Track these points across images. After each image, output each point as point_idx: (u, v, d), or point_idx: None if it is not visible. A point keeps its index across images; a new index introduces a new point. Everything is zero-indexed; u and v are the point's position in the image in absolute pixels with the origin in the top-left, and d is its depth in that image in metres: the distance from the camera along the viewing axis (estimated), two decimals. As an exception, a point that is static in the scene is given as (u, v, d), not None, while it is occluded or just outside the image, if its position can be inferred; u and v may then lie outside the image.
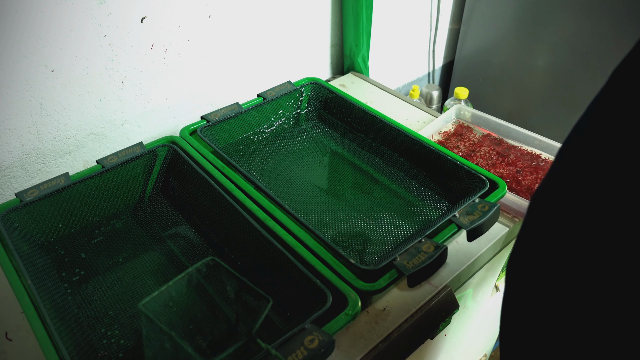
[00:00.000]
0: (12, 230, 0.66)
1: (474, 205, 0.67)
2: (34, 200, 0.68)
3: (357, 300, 0.57)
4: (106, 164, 0.74)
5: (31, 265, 0.63)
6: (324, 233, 0.73)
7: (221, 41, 0.93)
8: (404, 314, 0.64)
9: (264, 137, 0.93)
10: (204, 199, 0.74)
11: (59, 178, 0.71)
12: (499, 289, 0.97)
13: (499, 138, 0.92)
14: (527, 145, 0.90)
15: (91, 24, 0.74)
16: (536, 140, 0.89)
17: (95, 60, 0.78)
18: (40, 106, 0.76)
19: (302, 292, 0.60)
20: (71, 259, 0.71)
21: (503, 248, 0.80)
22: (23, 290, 0.58)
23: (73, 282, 0.68)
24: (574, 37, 1.19)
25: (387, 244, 0.71)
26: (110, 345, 0.61)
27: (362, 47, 1.13)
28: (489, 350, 1.25)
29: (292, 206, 0.69)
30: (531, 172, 0.83)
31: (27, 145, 0.78)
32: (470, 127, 0.96)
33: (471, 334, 1.01)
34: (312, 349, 0.50)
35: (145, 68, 0.85)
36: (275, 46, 1.03)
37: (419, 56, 1.45)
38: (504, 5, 1.29)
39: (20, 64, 0.71)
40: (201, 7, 0.86)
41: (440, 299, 0.67)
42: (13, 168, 0.78)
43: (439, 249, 0.60)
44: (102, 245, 0.74)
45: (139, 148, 0.77)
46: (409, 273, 0.58)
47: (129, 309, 0.65)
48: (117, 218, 0.78)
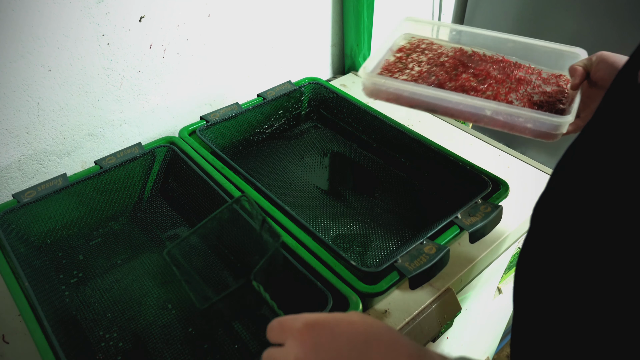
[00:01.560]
0: (9, 231, 0.65)
1: (476, 206, 0.66)
2: (31, 202, 0.67)
3: (358, 303, 0.57)
4: (104, 164, 0.74)
5: (28, 267, 0.62)
6: (325, 235, 0.73)
7: (221, 41, 0.92)
8: (405, 316, 0.64)
9: (263, 137, 0.92)
10: (203, 200, 0.74)
11: (56, 179, 0.70)
12: (501, 291, 0.96)
13: (470, 51, 0.77)
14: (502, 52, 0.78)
15: (89, 23, 0.74)
16: (509, 42, 0.77)
17: (93, 60, 0.77)
18: (38, 106, 0.75)
19: (303, 294, 0.59)
20: (69, 260, 0.70)
21: (506, 250, 0.79)
22: (20, 292, 0.57)
23: (71, 284, 0.67)
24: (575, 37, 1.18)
25: (389, 245, 0.70)
26: (109, 348, 0.60)
27: (363, 47, 1.13)
28: (491, 352, 1.24)
29: (293, 207, 0.68)
30: (499, 80, 0.71)
31: (25, 145, 0.77)
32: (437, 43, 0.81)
33: (473, 337, 1.00)
34: (313, 353, 0.50)
35: (144, 68, 0.84)
36: (275, 46, 1.03)
37: (420, 56, 1.44)
38: (505, 5, 1.29)
39: (18, 63, 0.70)
40: (200, 6, 0.85)
41: (442, 301, 0.66)
42: (10, 169, 0.77)
43: (441, 251, 0.59)
44: (100, 247, 0.73)
45: (137, 149, 0.76)
46: (410, 275, 0.57)
47: (127, 311, 0.64)
48: (116, 219, 0.77)
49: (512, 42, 0.75)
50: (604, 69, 0.56)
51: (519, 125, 0.62)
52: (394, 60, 0.75)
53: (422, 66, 0.72)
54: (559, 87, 0.69)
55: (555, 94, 0.67)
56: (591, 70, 0.59)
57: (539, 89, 0.69)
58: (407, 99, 0.67)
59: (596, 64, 0.58)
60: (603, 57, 0.57)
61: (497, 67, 0.72)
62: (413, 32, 0.82)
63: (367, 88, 0.68)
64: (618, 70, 0.51)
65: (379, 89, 0.67)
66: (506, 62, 0.74)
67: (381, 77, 0.69)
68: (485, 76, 0.70)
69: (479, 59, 0.74)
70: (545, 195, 0.41)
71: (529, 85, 0.69)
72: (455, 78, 0.69)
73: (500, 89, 0.68)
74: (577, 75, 0.60)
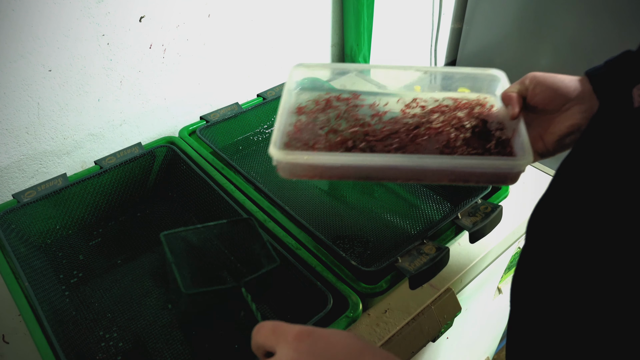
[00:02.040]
0: (9, 232, 0.65)
1: (476, 206, 0.66)
2: (31, 202, 0.67)
3: (358, 303, 0.57)
4: (104, 164, 0.74)
5: (28, 267, 0.62)
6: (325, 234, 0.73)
7: (221, 40, 0.92)
8: (405, 316, 0.64)
9: (263, 137, 0.92)
10: (203, 200, 0.74)
11: (56, 179, 0.70)
12: (501, 291, 0.96)
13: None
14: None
15: (89, 23, 0.74)
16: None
17: (93, 60, 0.77)
18: (38, 106, 0.75)
19: (303, 294, 0.59)
20: (69, 260, 0.70)
21: (506, 250, 0.79)
22: (20, 292, 0.57)
23: (71, 284, 0.67)
24: (577, 37, 1.18)
25: (389, 245, 0.70)
26: (109, 348, 0.60)
27: (363, 47, 1.13)
28: (491, 352, 1.24)
29: (293, 207, 0.68)
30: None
31: (25, 145, 0.77)
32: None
33: (473, 337, 1.00)
34: (313, 353, 0.50)
35: (144, 68, 0.84)
36: (275, 46, 1.02)
37: (421, 56, 1.44)
38: (506, 4, 1.28)
39: (18, 63, 0.70)
40: (200, 6, 0.85)
41: (442, 301, 0.66)
42: (10, 169, 0.77)
43: (441, 251, 0.59)
44: (100, 247, 0.73)
45: (137, 149, 0.76)
46: (410, 275, 0.57)
47: (127, 311, 0.64)
48: (115, 219, 0.77)
49: (424, 72, 0.66)
50: (542, 93, 0.51)
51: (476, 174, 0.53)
52: (306, 122, 0.59)
53: (340, 125, 0.59)
54: (488, 114, 0.60)
55: (490, 127, 0.58)
56: (527, 95, 0.53)
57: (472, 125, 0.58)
58: (339, 172, 0.53)
59: (532, 88, 0.52)
60: (538, 80, 0.52)
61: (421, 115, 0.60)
62: (309, 83, 0.68)
63: (283, 169, 0.53)
64: (556, 92, 0.50)
65: (301, 166, 0.53)
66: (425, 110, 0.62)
67: (302, 152, 0.53)
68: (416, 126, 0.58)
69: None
70: (542, 204, 0.41)
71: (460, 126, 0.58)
72: (383, 137, 0.56)
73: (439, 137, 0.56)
74: (515, 103, 0.53)
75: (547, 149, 0.53)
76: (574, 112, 0.50)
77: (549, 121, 0.52)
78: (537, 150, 0.53)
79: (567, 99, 0.50)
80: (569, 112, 0.50)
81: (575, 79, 0.51)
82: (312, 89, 0.66)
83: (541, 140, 0.53)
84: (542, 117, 0.53)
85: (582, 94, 0.49)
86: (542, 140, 0.53)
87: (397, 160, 0.51)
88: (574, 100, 0.50)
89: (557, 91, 0.50)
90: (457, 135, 0.56)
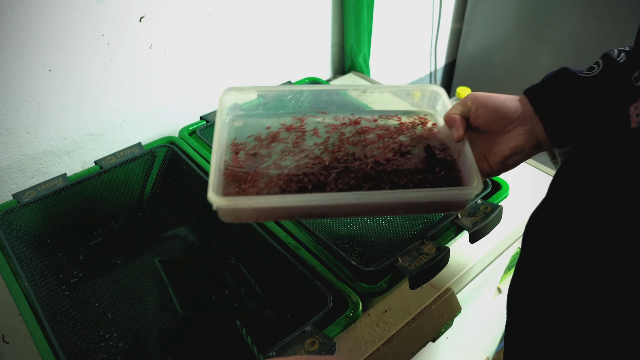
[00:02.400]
0: (9, 231, 0.65)
1: (476, 206, 0.66)
2: (31, 202, 0.67)
3: (358, 302, 0.57)
4: (104, 164, 0.74)
5: (28, 267, 0.62)
6: (325, 234, 0.73)
7: (221, 40, 0.92)
8: (405, 316, 0.64)
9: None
10: (203, 200, 0.73)
11: (56, 179, 0.70)
12: (501, 291, 0.96)
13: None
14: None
15: (89, 23, 0.74)
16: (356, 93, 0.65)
17: (93, 60, 0.77)
18: (38, 106, 0.75)
19: (303, 294, 0.59)
20: (69, 260, 0.70)
21: (506, 250, 0.79)
22: (20, 292, 0.57)
23: (71, 284, 0.67)
24: (577, 36, 1.18)
25: (389, 245, 0.70)
26: (109, 348, 0.60)
27: (363, 47, 1.13)
28: (491, 352, 1.24)
29: (292, 207, 0.67)
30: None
31: (25, 145, 0.77)
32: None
33: (473, 337, 1.00)
34: (313, 352, 0.50)
35: (144, 68, 0.84)
36: (275, 46, 1.02)
37: (421, 55, 1.44)
38: (506, 4, 1.28)
39: (18, 63, 0.70)
40: (200, 6, 0.85)
41: (442, 301, 0.66)
42: (10, 169, 0.77)
43: (441, 251, 0.59)
44: (100, 247, 0.73)
45: (137, 149, 0.76)
46: (410, 275, 0.57)
47: (127, 311, 0.64)
48: (116, 219, 0.77)
49: (363, 91, 0.63)
50: (485, 115, 0.51)
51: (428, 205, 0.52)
52: (244, 159, 0.55)
53: (284, 160, 0.55)
54: (431, 135, 0.59)
55: (435, 150, 0.57)
56: (470, 116, 0.53)
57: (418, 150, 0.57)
58: (287, 213, 0.51)
59: (474, 109, 0.52)
60: (480, 102, 0.51)
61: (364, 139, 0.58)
62: (241, 108, 0.62)
63: (225, 215, 0.49)
64: (498, 114, 0.50)
65: (245, 211, 0.49)
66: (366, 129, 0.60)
67: (245, 197, 0.49)
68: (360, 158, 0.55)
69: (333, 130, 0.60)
70: (537, 216, 0.41)
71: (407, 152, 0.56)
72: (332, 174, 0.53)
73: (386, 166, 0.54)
74: (458, 125, 0.53)
75: (492, 170, 0.53)
76: (516, 134, 0.50)
77: (493, 141, 0.52)
78: (482, 171, 0.53)
79: (510, 120, 0.50)
80: (511, 134, 0.50)
81: (516, 99, 0.51)
82: (246, 115, 0.62)
83: (485, 161, 0.53)
84: (486, 136, 0.53)
85: (524, 114, 0.50)
86: (487, 161, 0.53)
87: (349, 198, 0.49)
88: (516, 122, 0.50)
89: (498, 113, 0.50)
90: (404, 162, 0.55)
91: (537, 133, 0.49)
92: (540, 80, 0.50)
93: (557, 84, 0.48)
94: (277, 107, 0.62)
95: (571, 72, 0.47)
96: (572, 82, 0.47)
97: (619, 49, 0.47)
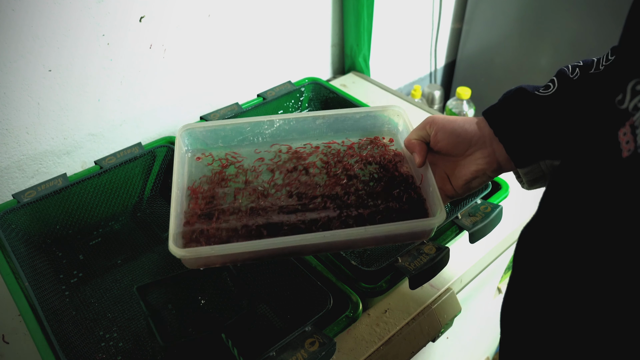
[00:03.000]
0: (9, 231, 0.65)
1: (476, 206, 0.66)
2: (31, 202, 0.67)
3: (358, 302, 0.57)
4: (104, 164, 0.73)
5: (28, 267, 0.62)
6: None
7: (221, 40, 0.92)
8: (405, 316, 0.64)
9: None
10: (203, 200, 0.73)
11: (56, 179, 0.70)
12: (501, 291, 0.96)
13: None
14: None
15: (89, 23, 0.74)
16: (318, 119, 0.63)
17: (93, 60, 0.77)
18: (38, 106, 0.75)
19: (303, 293, 0.59)
20: (69, 260, 0.70)
21: (506, 250, 0.79)
22: (20, 292, 0.57)
23: (71, 284, 0.67)
24: (577, 37, 1.18)
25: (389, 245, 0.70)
26: (109, 347, 0.60)
27: (363, 47, 1.13)
28: (491, 352, 1.24)
29: (292, 207, 0.67)
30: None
31: (25, 145, 0.77)
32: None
33: (473, 337, 1.00)
34: (313, 352, 0.50)
35: (144, 68, 0.84)
36: (275, 45, 1.02)
37: (421, 55, 1.44)
38: (506, 4, 1.29)
39: (18, 63, 0.70)
40: (200, 6, 0.85)
41: (442, 301, 0.66)
42: (10, 169, 0.77)
43: (441, 251, 0.59)
44: (100, 247, 0.73)
45: (137, 149, 0.76)
46: (410, 275, 0.57)
47: (127, 311, 0.64)
48: (116, 219, 0.77)
49: (321, 117, 0.62)
50: (445, 139, 0.51)
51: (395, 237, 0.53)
52: (203, 204, 0.54)
53: (240, 202, 0.55)
54: (392, 158, 0.60)
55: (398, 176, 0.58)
56: (430, 141, 0.53)
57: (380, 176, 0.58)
58: (253, 256, 0.51)
59: (434, 134, 0.52)
60: (439, 126, 0.52)
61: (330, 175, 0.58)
62: (201, 139, 0.62)
63: (189, 263, 0.50)
64: (458, 138, 0.51)
65: (208, 259, 0.50)
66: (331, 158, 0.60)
67: (205, 247, 0.49)
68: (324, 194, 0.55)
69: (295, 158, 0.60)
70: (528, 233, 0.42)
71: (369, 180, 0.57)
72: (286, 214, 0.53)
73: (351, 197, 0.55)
74: (419, 151, 0.54)
75: (455, 192, 0.54)
76: (476, 158, 0.51)
77: (455, 163, 0.53)
78: (447, 193, 0.54)
79: (469, 144, 0.51)
80: (472, 157, 0.51)
81: (474, 121, 0.51)
82: (204, 147, 0.62)
83: (449, 183, 0.54)
84: (449, 158, 0.54)
85: (483, 138, 0.50)
86: (450, 183, 0.54)
87: (313, 239, 0.48)
88: (476, 146, 0.51)
89: (458, 137, 0.51)
90: (368, 192, 0.56)
91: (497, 156, 0.50)
92: (498, 101, 0.51)
93: (515, 104, 0.49)
94: (236, 136, 0.62)
95: (527, 93, 0.48)
96: (529, 102, 0.47)
97: (573, 65, 0.47)
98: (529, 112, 0.47)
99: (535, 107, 0.47)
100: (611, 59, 0.44)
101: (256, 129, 0.62)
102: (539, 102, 0.47)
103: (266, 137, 0.63)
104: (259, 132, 0.63)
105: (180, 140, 0.59)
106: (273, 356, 0.50)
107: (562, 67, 0.48)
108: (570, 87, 0.46)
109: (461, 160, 0.52)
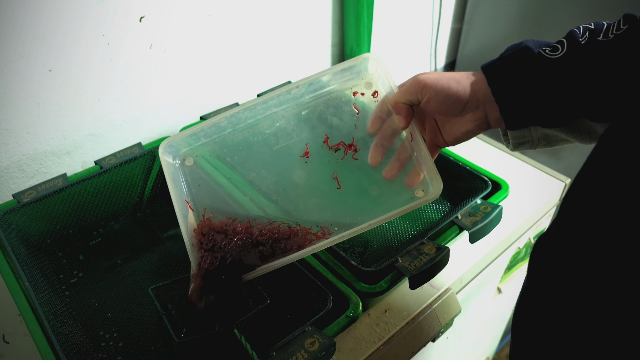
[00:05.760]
0: (9, 231, 0.65)
1: (476, 206, 0.66)
2: (31, 202, 0.67)
3: (358, 302, 0.57)
4: (104, 164, 0.74)
5: (29, 267, 0.62)
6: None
7: (221, 40, 0.92)
8: (405, 316, 0.64)
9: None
10: (203, 200, 0.73)
11: (56, 179, 0.70)
12: (501, 291, 0.96)
13: None
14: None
15: (89, 23, 0.74)
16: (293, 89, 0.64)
17: (93, 60, 0.77)
18: (38, 106, 0.75)
19: (303, 294, 0.59)
20: (69, 260, 0.70)
21: (506, 250, 0.79)
22: (20, 292, 0.57)
23: (71, 284, 0.67)
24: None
25: (389, 245, 0.70)
26: (109, 347, 0.60)
27: (363, 47, 1.13)
28: (491, 352, 1.24)
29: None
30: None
31: (25, 145, 0.77)
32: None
33: (473, 337, 1.00)
34: (313, 352, 0.50)
35: (144, 68, 0.84)
36: (275, 45, 1.02)
37: (421, 56, 1.44)
38: (506, 4, 1.28)
39: (18, 63, 0.70)
40: (200, 6, 0.85)
41: (442, 301, 0.66)
42: (10, 169, 0.77)
43: (441, 251, 0.59)
44: (101, 247, 0.73)
45: (137, 149, 0.76)
46: (410, 275, 0.57)
47: (127, 311, 0.64)
48: (116, 219, 0.77)
49: (295, 87, 0.63)
50: (438, 106, 0.50)
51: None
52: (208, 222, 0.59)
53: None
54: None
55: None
56: (421, 103, 0.52)
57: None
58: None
59: (426, 100, 0.51)
60: (432, 93, 0.50)
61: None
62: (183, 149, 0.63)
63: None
64: (448, 100, 0.49)
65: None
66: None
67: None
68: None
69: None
70: (546, 240, 0.41)
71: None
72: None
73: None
74: (406, 115, 0.53)
75: (445, 144, 0.55)
76: (467, 120, 0.50)
77: (445, 120, 0.53)
78: (437, 143, 0.55)
79: (462, 108, 0.50)
80: (463, 119, 0.51)
81: (469, 81, 0.49)
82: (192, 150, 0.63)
83: (440, 135, 0.54)
84: (439, 115, 0.54)
85: (476, 100, 0.49)
86: (441, 135, 0.54)
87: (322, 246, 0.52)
88: (469, 109, 0.50)
89: (452, 104, 0.50)
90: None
91: (489, 117, 0.49)
92: (500, 57, 0.49)
93: (518, 66, 0.46)
94: (217, 132, 0.64)
95: (533, 55, 0.45)
96: (534, 66, 0.45)
97: (585, 27, 0.44)
98: (532, 77, 0.45)
99: (540, 72, 0.44)
100: (623, 28, 0.41)
101: (235, 121, 0.63)
102: (544, 66, 0.44)
103: (249, 125, 0.65)
104: (240, 121, 0.64)
105: (165, 157, 0.60)
106: (273, 356, 0.50)
107: (574, 28, 0.44)
108: (578, 52, 0.43)
109: (452, 118, 0.52)
